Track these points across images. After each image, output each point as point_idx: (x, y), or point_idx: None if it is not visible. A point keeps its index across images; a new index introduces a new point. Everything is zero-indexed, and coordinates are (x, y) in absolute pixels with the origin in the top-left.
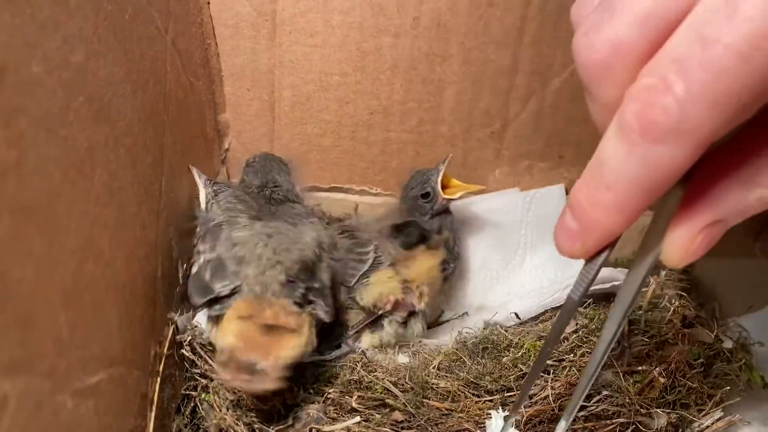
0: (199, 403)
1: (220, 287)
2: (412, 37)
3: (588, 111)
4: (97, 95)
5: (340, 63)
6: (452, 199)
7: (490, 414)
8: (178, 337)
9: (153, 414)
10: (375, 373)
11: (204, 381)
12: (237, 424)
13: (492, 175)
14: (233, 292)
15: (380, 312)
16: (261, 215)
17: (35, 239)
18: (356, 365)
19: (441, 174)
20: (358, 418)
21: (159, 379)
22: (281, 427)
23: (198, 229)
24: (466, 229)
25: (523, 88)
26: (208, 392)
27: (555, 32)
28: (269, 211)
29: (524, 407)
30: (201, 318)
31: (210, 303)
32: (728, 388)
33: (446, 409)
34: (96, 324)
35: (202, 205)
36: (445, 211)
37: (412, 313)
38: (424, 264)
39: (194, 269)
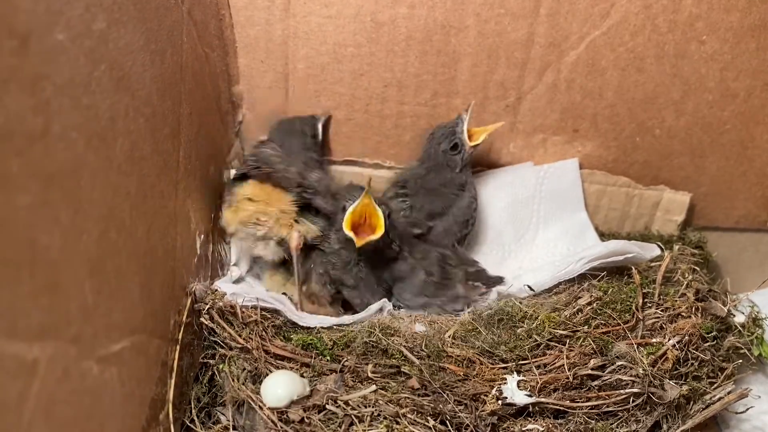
0: (217, 372)
1: None
2: (428, 7)
3: (603, 85)
4: (118, 64)
5: (355, 34)
6: (478, 144)
7: (505, 379)
8: (196, 305)
9: (173, 382)
10: (393, 337)
11: (222, 350)
12: (255, 396)
13: (506, 148)
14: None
15: None
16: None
17: (61, 207)
18: (374, 329)
19: (466, 123)
20: (374, 387)
21: (178, 348)
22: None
23: None
24: (478, 203)
25: (538, 61)
26: (225, 362)
27: (572, 4)
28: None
29: (539, 374)
30: (219, 284)
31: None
32: (740, 361)
33: (462, 374)
34: (119, 292)
35: None
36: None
37: None
38: None
39: None
